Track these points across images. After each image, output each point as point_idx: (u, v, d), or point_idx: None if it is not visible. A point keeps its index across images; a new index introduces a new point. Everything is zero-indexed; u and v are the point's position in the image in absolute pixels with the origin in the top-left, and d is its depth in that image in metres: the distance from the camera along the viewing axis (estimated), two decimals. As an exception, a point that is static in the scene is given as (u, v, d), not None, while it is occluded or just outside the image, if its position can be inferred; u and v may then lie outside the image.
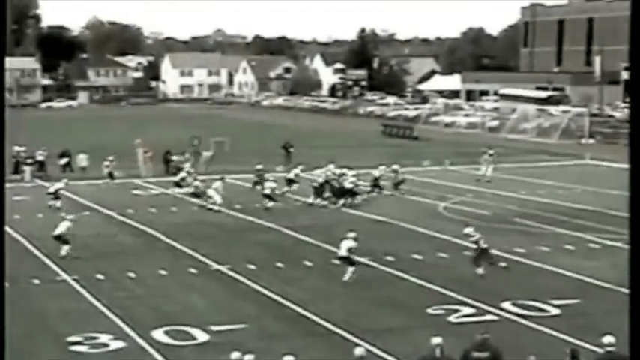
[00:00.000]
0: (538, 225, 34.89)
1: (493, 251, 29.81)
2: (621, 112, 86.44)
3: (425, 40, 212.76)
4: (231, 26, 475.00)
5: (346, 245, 26.16)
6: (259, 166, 44.10)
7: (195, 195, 41.19)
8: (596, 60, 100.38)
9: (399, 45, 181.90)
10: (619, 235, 32.39)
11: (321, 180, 40.76)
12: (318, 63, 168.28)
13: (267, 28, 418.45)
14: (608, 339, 17.01)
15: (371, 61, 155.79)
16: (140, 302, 23.86)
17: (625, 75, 71.49)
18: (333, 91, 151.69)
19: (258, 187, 41.83)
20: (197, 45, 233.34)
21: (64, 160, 51.87)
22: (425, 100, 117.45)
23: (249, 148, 63.57)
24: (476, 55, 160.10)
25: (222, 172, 44.05)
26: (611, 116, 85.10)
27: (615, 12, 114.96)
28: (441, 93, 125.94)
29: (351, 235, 26.44)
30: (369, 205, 39.45)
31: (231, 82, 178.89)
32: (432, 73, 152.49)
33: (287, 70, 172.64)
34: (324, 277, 26.67)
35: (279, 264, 28.09)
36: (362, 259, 28.63)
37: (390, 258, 28.88)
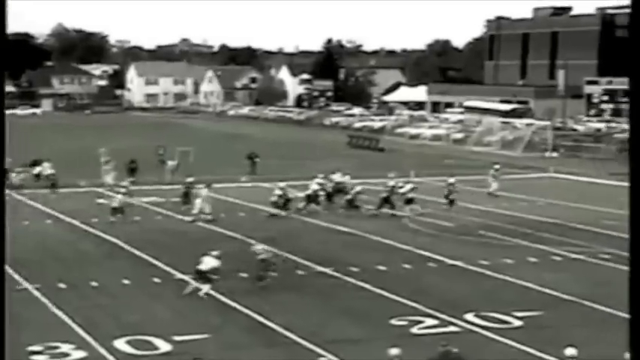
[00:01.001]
0: (502, 237, 35.02)
1: (458, 263, 29.93)
2: (584, 125, 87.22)
3: (391, 52, 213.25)
4: (198, 35, 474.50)
5: (208, 262, 25.65)
6: (190, 179, 42.35)
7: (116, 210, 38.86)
8: (560, 74, 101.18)
9: (365, 56, 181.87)
10: (582, 248, 32.64)
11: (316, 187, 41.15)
12: (284, 73, 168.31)
13: (233, 38, 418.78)
14: (570, 351, 17.09)
15: (337, 72, 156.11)
16: (103, 312, 23.66)
17: (588, 89, 72.05)
18: (299, 101, 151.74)
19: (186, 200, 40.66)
20: (163, 54, 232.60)
21: (37, 169, 51.30)
22: (390, 111, 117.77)
23: (215, 157, 63.36)
24: (441, 67, 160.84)
25: (193, 182, 43.76)
26: (574, 130, 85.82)
27: (579, 27, 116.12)
28: (406, 105, 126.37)
29: (215, 253, 25.98)
30: (333, 216, 39.41)
31: (196, 91, 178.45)
32: (398, 84, 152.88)
33: (253, 80, 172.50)
34: (288, 287, 26.58)
35: (242, 274, 27.95)
36: (326, 270, 28.61)
37: (354, 269, 28.85)
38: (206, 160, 59.99)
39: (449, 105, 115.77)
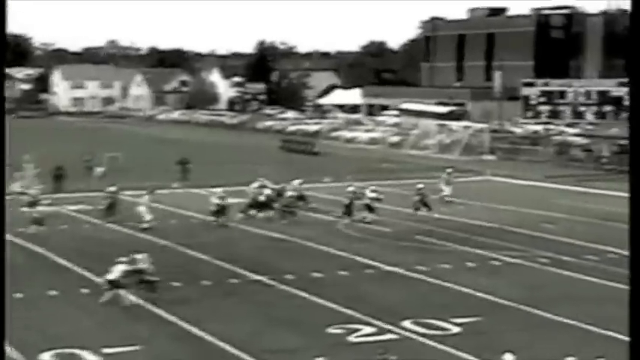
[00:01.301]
0: (439, 242, 35.30)
1: (395, 269, 30.10)
2: (521, 127, 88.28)
3: (325, 54, 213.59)
4: (125, 37, 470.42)
5: (117, 269, 25.60)
6: (112, 188, 41.66)
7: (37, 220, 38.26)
8: (497, 75, 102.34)
9: (298, 58, 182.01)
10: (520, 252, 33.03)
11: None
12: (215, 76, 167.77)
13: (162, 40, 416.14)
14: (508, 357, 17.28)
15: (270, 74, 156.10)
16: (28, 324, 23.34)
17: (524, 91, 72.96)
18: (231, 105, 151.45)
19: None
20: (89, 56, 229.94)
21: None
22: (325, 114, 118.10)
23: (144, 163, 62.90)
24: (377, 69, 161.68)
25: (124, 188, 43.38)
26: (511, 132, 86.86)
27: (515, 27, 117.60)
28: (341, 107, 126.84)
29: (125, 259, 25.96)
30: (268, 223, 39.39)
31: (125, 95, 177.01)
32: (333, 87, 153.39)
33: (183, 83, 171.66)
34: (221, 295, 26.51)
35: (175, 283, 27.80)
36: (261, 278, 28.59)
37: (289, 276, 28.86)
38: (135, 166, 59.55)
39: (385, 108, 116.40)
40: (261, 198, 41.23)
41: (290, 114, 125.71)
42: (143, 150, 76.55)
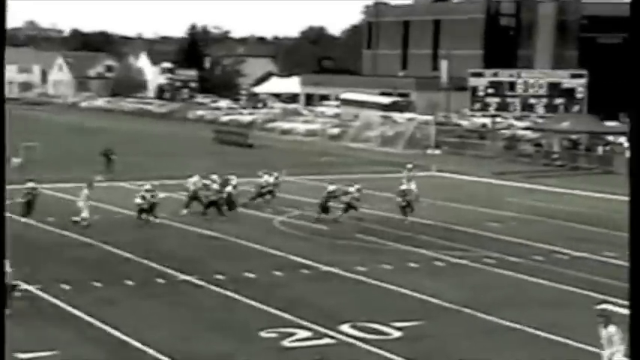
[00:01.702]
0: (380, 241, 35.51)
1: (333, 269, 30.23)
2: (468, 120, 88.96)
3: (261, 39, 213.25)
4: (46, 18, 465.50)
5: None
6: (31, 184, 40.78)
7: None
8: (443, 64, 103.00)
9: (233, 43, 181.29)
10: (465, 253, 33.37)
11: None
12: (143, 61, 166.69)
13: (85, 22, 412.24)
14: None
15: (202, 60, 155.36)
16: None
17: (472, 81, 73.56)
18: (160, 92, 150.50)
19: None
20: (6, 38, 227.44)
21: None
22: (261, 104, 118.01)
23: (65, 154, 62.41)
24: (316, 56, 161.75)
25: (42, 180, 42.98)
26: (458, 125, 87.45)
27: (462, 14, 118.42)
28: (278, 97, 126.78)
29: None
30: (198, 219, 39.33)
31: (44, 80, 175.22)
32: (269, 75, 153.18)
33: (108, 68, 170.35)
34: (147, 297, 26.44)
35: (97, 284, 27.68)
36: (190, 278, 28.55)
37: (220, 277, 28.86)
38: (55, 157, 59.06)
39: (324, 97, 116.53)
40: (201, 193, 41.08)
41: (223, 103, 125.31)
42: (64, 140, 75.90)
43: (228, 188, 41.53)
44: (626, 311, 25.69)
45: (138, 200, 39.01)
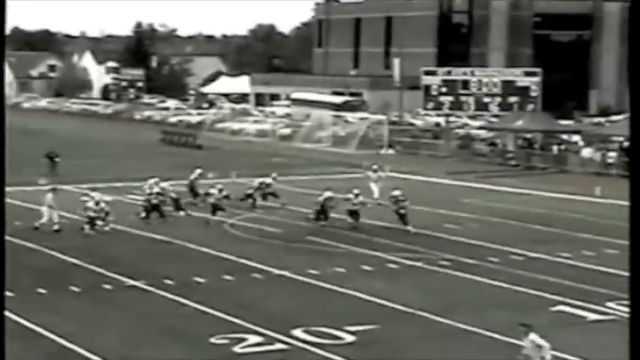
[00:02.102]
0: (334, 244, 35.54)
1: (285, 273, 30.23)
2: (422, 119, 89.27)
3: (209, 37, 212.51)
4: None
5: None
6: None
7: None
8: (396, 63, 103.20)
9: (180, 42, 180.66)
10: (420, 255, 33.48)
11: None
12: (87, 61, 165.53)
13: (27, 20, 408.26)
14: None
15: (149, 59, 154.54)
16: None
17: (426, 80, 73.80)
18: (105, 92, 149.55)
19: None
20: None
21: None
22: (210, 104, 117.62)
23: (7, 157, 61.74)
24: (266, 55, 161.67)
25: None
26: (411, 124, 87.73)
27: (414, 11, 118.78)
28: (227, 97, 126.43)
29: None
30: (146, 223, 39.14)
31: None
32: (218, 74, 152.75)
33: (52, 68, 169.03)
34: (94, 304, 26.29)
35: (42, 290, 27.47)
36: (137, 283, 28.43)
37: (169, 282, 28.76)
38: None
39: (275, 97, 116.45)
40: (155, 197, 40.87)
41: (171, 103, 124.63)
42: (5, 142, 75.07)
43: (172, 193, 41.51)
44: (581, 312, 26.07)
45: (90, 214, 38.12)
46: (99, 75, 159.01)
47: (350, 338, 23.20)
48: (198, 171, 45.21)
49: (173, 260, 32.39)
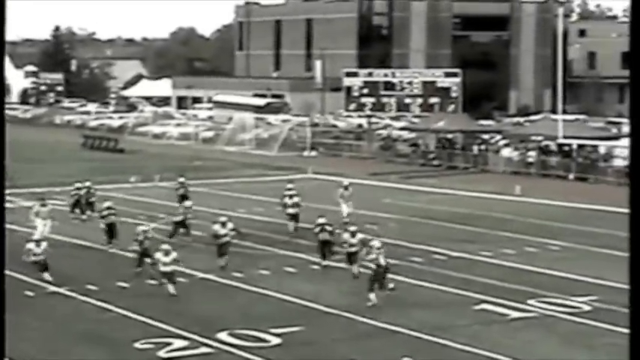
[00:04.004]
0: (256, 246, 35.48)
1: (208, 276, 30.13)
2: (344, 121, 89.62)
3: (130, 40, 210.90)
4: None
5: None
6: None
7: None
8: (317, 65, 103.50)
9: (99, 45, 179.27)
10: (340, 256, 33.53)
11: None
12: (5, 65, 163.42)
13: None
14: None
15: (68, 63, 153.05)
16: None
17: (347, 81, 74.07)
18: (24, 97, 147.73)
19: None
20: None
21: None
22: (131, 108, 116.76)
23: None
24: (187, 57, 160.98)
25: None
26: (334, 126, 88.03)
27: (334, 13, 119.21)
28: (149, 100, 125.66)
29: None
30: (66, 227, 38.71)
31: None
32: (139, 77, 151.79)
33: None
34: (14, 310, 25.92)
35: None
36: (60, 290, 28.13)
37: (91, 287, 28.51)
38: None
39: (197, 100, 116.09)
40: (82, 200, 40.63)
41: (92, 107, 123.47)
42: None
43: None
44: (503, 310, 26.37)
45: None
46: (17, 79, 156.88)
47: (275, 340, 23.14)
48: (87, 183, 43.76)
49: (96, 265, 32.09)
